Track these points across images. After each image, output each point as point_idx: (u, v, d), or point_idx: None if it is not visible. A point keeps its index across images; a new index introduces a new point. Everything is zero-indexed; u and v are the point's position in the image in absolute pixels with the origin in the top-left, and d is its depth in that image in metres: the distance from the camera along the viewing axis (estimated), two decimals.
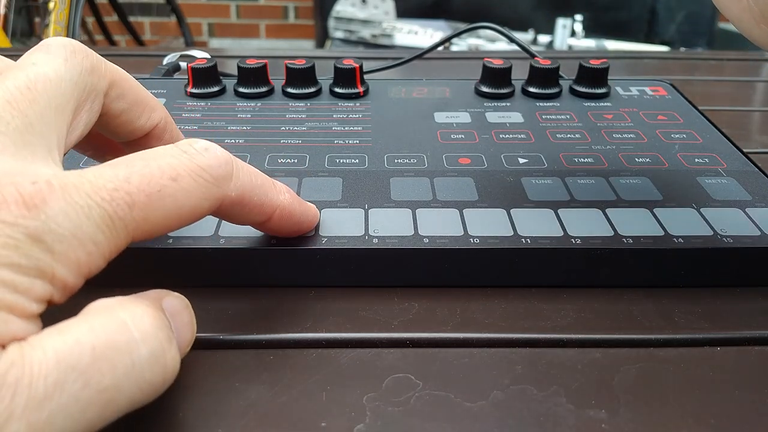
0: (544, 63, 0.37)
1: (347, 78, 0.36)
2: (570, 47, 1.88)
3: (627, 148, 0.31)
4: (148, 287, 0.24)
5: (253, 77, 0.36)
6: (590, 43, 1.88)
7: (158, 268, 0.24)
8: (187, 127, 0.32)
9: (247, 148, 0.30)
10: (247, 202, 0.20)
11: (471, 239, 0.24)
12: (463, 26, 0.46)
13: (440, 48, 0.47)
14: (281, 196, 0.22)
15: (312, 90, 0.36)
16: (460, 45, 1.79)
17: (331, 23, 2.07)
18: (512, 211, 0.26)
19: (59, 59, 0.19)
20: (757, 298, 0.24)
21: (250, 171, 0.20)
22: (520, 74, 0.38)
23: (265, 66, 0.36)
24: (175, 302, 0.19)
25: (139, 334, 0.16)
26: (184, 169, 0.18)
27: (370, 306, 0.24)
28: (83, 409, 0.14)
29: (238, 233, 0.24)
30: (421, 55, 0.46)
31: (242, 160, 0.29)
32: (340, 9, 2.02)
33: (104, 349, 0.15)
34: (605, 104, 0.36)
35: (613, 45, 1.86)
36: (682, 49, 1.90)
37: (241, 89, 0.36)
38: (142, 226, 0.17)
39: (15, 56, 0.22)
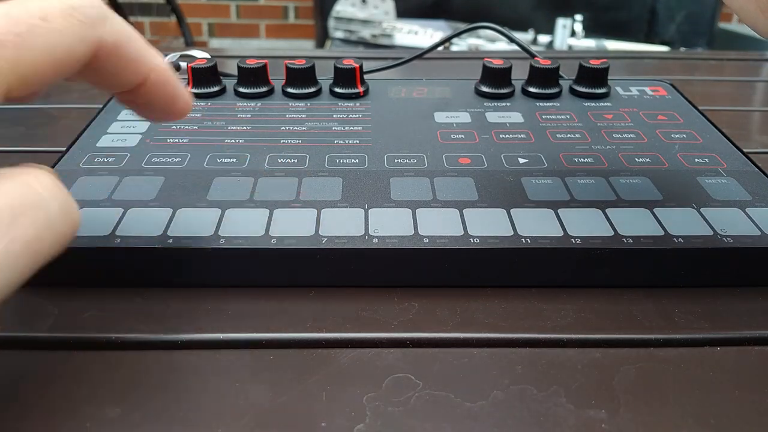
0: (544, 63, 0.37)
1: (347, 78, 0.36)
2: (570, 47, 1.88)
3: (627, 148, 0.31)
4: (148, 287, 0.24)
5: (253, 77, 0.36)
6: (590, 43, 1.88)
7: (158, 268, 0.24)
8: (187, 126, 0.32)
9: (247, 148, 0.30)
10: (123, 53, 0.20)
11: (471, 239, 0.24)
12: (463, 26, 0.46)
13: (440, 48, 0.47)
14: (156, 58, 0.21)
15: (312, 90, 0.36)
16: (460, 45, 1.79)
17: (331, 23, 2.07)
18: (512, 211, 0.26)
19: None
20: (757, 298, 0.24)
21: (125, 22, 0.20)
22: (520, 74, 0.38)
23: (265, 66, 0.36)
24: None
25: (46, 192, 0.17)
26: (54, 9, 0.18)
27: (370, 306, 0.24)
28: (15, 261, 0.16)
29: (239, 233, 0.24)
30: (421, 55, 0.46)
31: (242, 160, 0.30)
32: (340, 9, 2.02)
33: (21, 207, 0.16)
34: (605, 104, 0.36)
35: (613, 45, 1.86)
36: (682, 49, 1.90)
37: (241, 89, 0.36)
38: (16, 69, 0.17)
39: None
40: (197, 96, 0.36)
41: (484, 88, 0.37)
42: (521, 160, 0.30)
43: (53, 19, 0.18)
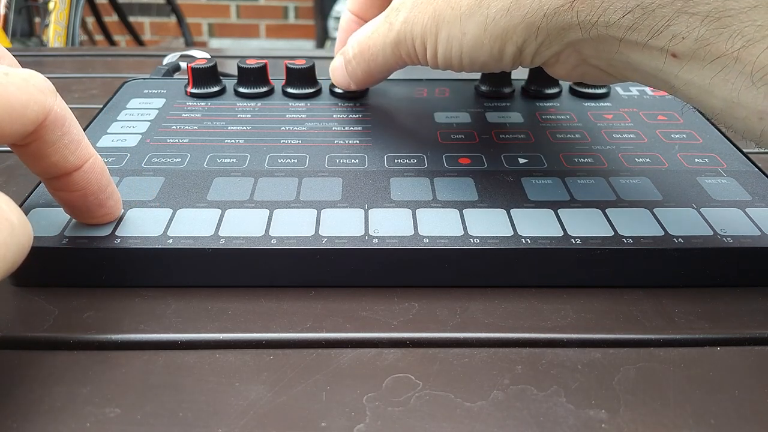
0: None
1: None
2: None
3: (627, 148, 0.31)
4: (147, 287, 0.24)
5: (253, 77, 0.36)
6: None
7: (158, 268, 0.24)
8: (187, 127, 0.32)
9: (247, 148, 0.30)
10: (67, 130, 0.21)
11: (471, 239, 0.24)
12: None
13: None
14: (92, 148, 0.22)
15: (312, 90, 0.36)
16: None
17: (331, 23, 2.07)
18: (512, 211, 0.26)
19: None
20: (757, 298, 0.24)
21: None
22: (520, 74, 0.38)
23: (265, 66, 0.36)
24: None
25: (6, 206, 0.18)
26: (14, 70, 0.19)
27: (370, 306, 0.24)
28: None
29: (239, 233, 0.24)
30: None
31: (242, 160, 0.30)
32: (340, 9, 2.02)
33: None
34: (605, 104, 0.36)
35: None
36: None
37: (241, 89, 0.36)
38: None
39: (15, 56, 0.22)
40: (197, 96, 0.36)
41: (484, 88, 0.37)
42: (521, 160, 0.30)
43: (13, 77, 0.19)
